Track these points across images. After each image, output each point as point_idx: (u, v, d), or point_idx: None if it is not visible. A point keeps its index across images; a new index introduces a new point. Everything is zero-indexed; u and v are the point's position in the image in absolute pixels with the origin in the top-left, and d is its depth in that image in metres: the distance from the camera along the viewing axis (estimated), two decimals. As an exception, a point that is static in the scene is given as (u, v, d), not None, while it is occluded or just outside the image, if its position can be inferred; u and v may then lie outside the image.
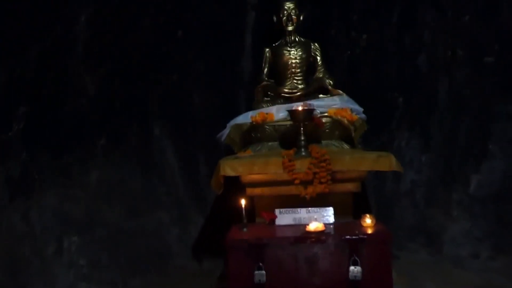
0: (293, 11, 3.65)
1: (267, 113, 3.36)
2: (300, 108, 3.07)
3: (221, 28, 3.92)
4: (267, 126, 3.36)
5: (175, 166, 3.86)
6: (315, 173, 2.94)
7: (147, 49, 3.70)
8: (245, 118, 3.46)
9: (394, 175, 3.79)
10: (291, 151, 3.07)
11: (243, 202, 2.86)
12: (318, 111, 3.34)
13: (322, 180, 2.92)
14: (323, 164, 2.95)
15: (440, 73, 3.82)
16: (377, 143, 3.88)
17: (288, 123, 3.29)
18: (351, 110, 3.40)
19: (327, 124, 3.33)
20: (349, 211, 3.15)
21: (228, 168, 3.01)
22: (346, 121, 3.32)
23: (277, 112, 3.42)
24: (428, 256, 3.63)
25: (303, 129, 3.09)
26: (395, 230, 3.72)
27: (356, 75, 3.95)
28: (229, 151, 3.46)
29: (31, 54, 3.07)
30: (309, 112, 3.09)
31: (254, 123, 3.34)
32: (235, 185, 3.09)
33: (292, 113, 3.10)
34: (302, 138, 3.09)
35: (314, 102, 3.40)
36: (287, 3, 3.67)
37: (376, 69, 3.92)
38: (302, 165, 2.99)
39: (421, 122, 3.85)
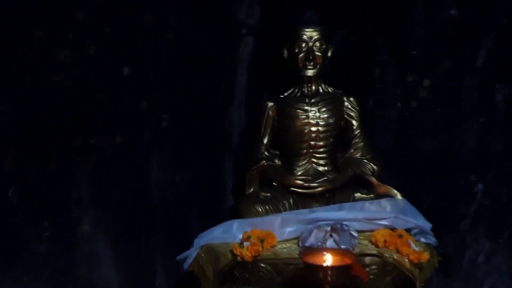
0: (318, 44, 2.19)
1: (262, 237, 1.89)
2: (326, 263, 1.59)
3: (197, 62, 2.48)
4: (263, 264, 1.90)
5: (114, 284, 2.44)
6: None
7: (68, 99, 2.25)
8: (226, 233, 2.02)
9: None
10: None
11: None
12: (356, 235, 1.89)
13: None
14: None
15: (553, 155, 2.48)
16: (437, 251, 2.48)
17: (300, 262, 1.82)
18: (415, 235, 1.96)
19: (374, 269, 1.87)
20: None
21: None
22: (407, 264, 1.85)
23: (281, 228, 1.99)
24: None
25: (330, 291, 1.64)
26: None
27: (410, 140, 2.61)
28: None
29: None
30: (344, 269, 1.61)
31: (240, 259, 1.87)
32: None
33: (313, 269, 1.61)
34: (329, 310, 1.64)
35: (345, 215, 1.96)
36: (308, 30, 2.20)
37: (443, 136, 2.59)
38: None
39: (513, 228, 2.53)
